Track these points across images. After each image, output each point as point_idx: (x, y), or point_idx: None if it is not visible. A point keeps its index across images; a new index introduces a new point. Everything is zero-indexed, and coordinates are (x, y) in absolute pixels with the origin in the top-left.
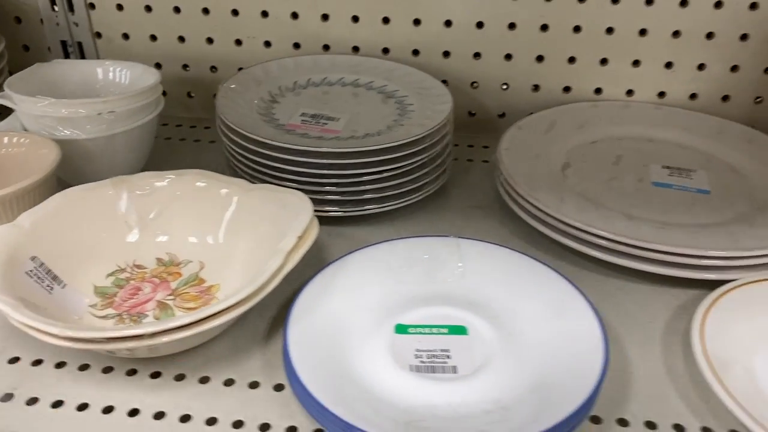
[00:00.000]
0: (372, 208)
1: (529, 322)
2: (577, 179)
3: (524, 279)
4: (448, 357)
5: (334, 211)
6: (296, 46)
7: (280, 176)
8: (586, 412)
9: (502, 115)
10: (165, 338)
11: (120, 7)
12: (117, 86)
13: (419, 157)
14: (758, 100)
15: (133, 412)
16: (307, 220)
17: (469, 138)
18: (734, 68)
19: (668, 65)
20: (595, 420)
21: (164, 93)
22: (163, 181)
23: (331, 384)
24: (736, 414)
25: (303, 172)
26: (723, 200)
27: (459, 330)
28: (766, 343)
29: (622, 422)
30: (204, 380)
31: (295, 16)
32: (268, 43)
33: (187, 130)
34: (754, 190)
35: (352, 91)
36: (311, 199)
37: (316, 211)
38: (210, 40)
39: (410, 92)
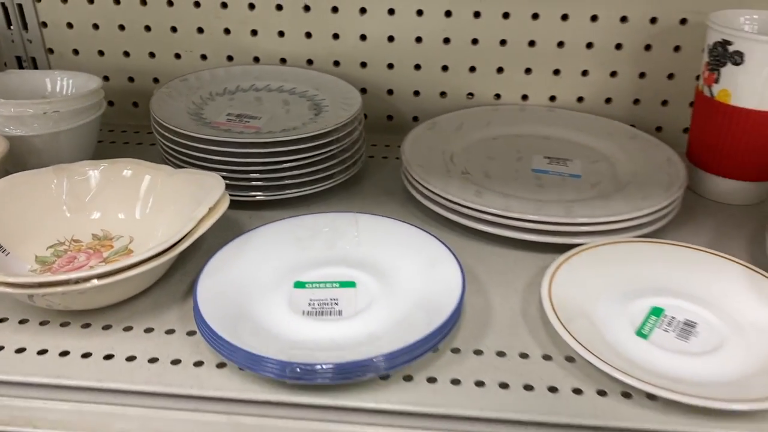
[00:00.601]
0: (290, 193)
1: (407, 275)
2: (467, 167)
3: (408, 243)
4: (336, 304)
5: (257, 196)
6: (229, 58)
7: (206, 166)
8: (438, 336)
9: (416, 119)
10: (87, 284)
11: (70, 25)
12: (64, 93)
13: (330, 148)
14: (636, 101)
15: (64, 353)
16: (219, 194)
17: (386, 139)
18: (613, 74)
19: (556, 72)
20: (455, 351)
21: (111, 103)
22: (98, 168)
23: (231, 324)
24: (569, 343)
25: (225, 161)
26: (590, 183)
27: (348, 284)
28: (603, 293)
29: (478, 352)
30: (127, 329)
31: (227, 31)
32: (204, 56)
33: (132, 135)
34: (619, 174)
35: (277, 96)
36: (235, 185)
37: (239, 196)
38: (152, 55)
39: (327, 96)
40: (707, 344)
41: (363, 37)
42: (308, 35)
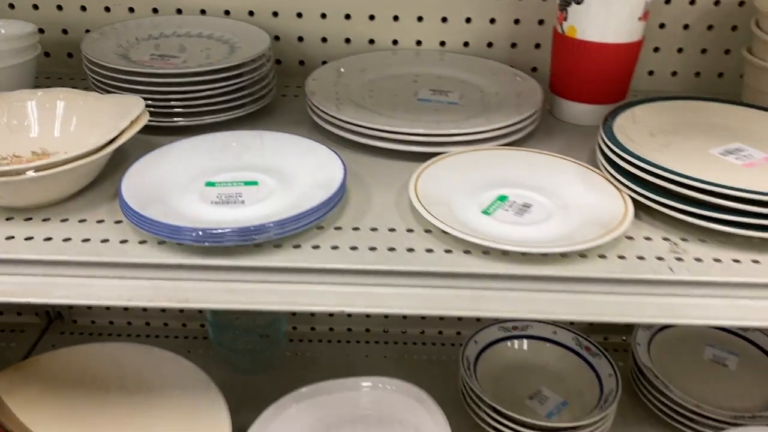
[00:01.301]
0: (207, 119)
1: (303, 175)
2: (363, 98)
3: (304, 153)
4: (240, 196)
5: (178, 121)
6: (155, 10)
7: None
8: (322, 210)
9: (324, 63)
10: (25, 176)
11: None
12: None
13: (241, 80)
14: (513, 45)
15: (9, 237)
16: (139, 110)
17: (298, 81)
18: (492, 21)
19: (444, 20)
20: (338, 228)
21: (47, 54)
22: (34, 96)
23: (150, 207)
24: (425, 217)
25: (149, 90)
26: (463, 108)
27: (252, 183)
28: (461, 187)
29: (355, 228)
30: (64, 220)
31: None
32: (131, 9)
33: (67, 82)
34: (489, 102)
35: (197, 40)
36: (158, 113)
37: (162, 121)
38: (83, 8)
39: (241, 40)
40: (536, 218)
41: None
42: None
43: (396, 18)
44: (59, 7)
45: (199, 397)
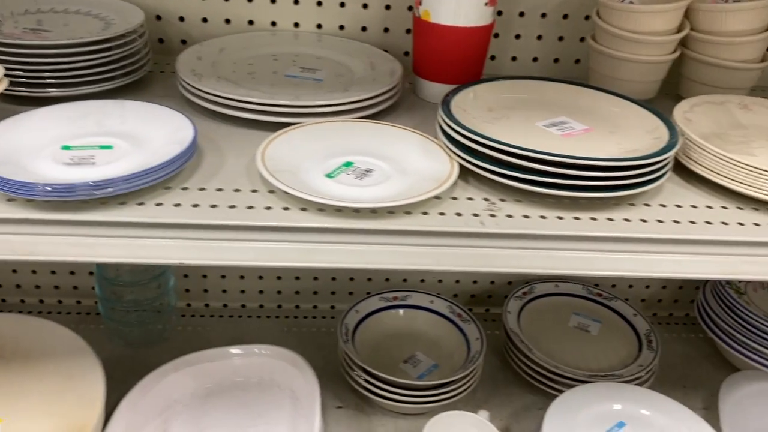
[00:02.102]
0: (80, 89)
1: (157, 140)
2: (236, 74)
3: (163, 120)
4: (92, 158)
5: (51, 92)
6: None
7: (8, 68)
8: (161, 170)
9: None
10: None
11: None
12: None
13: (112, 53)
14: (386, 29)
15: None
16: None
17: None
18: (365, 6)
19: (319, 4)
20: (184, 189)
21: None
22: None
23: (1, 166)
24: (267, 178)
25: (22, 61)
26: (326, 84)
27: (106, 147)
28: (310, 155)
29: (201, 189)
30: None
31: None
32: None
33: None
34: (353, 80)
35: (74, 17)
36: (32, 83)
37: (36, 92)
38: None
39: (118, 17)
40: (375, 181)
41: None
42: None
43: (274, 0)
44: None
45: (76, 364)
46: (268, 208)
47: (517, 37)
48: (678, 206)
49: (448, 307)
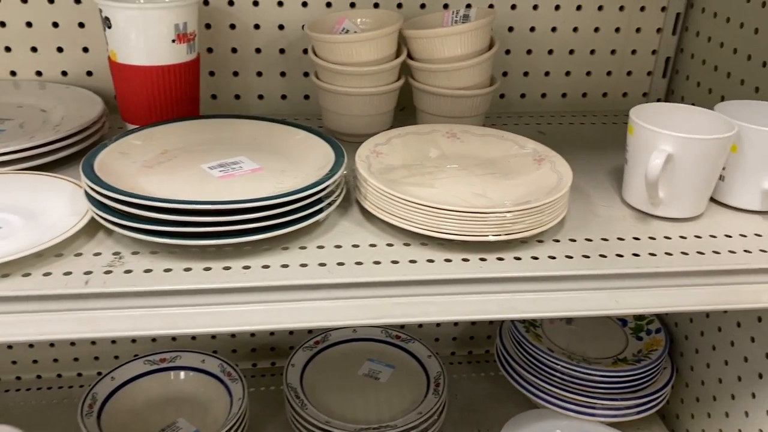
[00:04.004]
0: None
1: None
2: None
3: None
4: None
5: None
6: None
7: None
8: None
9: None
10: None
11: None
12: None
13: None
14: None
15: None
16: None
17: None
18: (85, 50)
19: (34, 49)
20: None
21: None
22: None
23: None
24: None
25: None
26: (9, 135)
27: None
28: None
29: None
30: None
31: None
32: None
33: None
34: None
35: None
36: None
37: None
38: None
39: None
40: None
41: None
42: None
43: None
44: None
45: None
46: None
47: (259, 74)
48: (338, 246)
49: (219, 366)
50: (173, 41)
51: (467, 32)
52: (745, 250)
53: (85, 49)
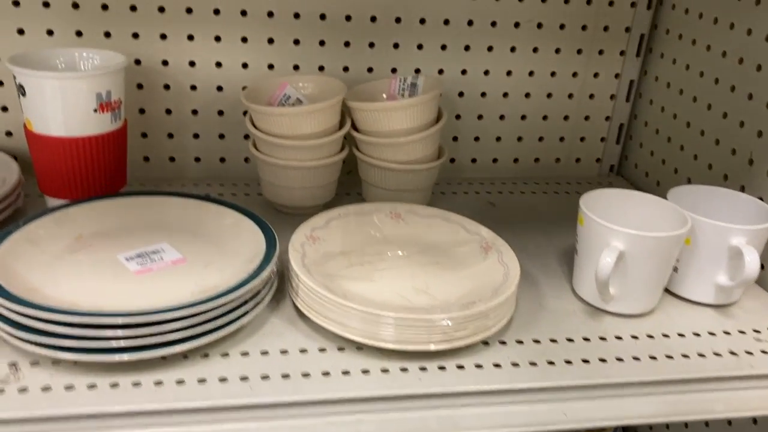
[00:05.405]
0: None
1: None
2: None
3: None
4: None
5: None
6: None
7: None
8: None
9: None
10: None
11: None
12: None
13: None
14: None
15: None
16: None
17: None
18: (5, 109)
19: None
20: None
21: None
22: None
23: None
24: None
25: None
26: None
27: None
28: None
29: None
30: None
31: None
32: None
33: None
34: None
35: None
36: None
37: None
38: None
39: None
40: None
41: None
42: None
43: None
44: None
45: None
46: None
47: (196, 136)
48: (264, 353)
49: None
50: (95, 110)
51: (414, 106)
52: (699, 354)
53: (4, 108)
